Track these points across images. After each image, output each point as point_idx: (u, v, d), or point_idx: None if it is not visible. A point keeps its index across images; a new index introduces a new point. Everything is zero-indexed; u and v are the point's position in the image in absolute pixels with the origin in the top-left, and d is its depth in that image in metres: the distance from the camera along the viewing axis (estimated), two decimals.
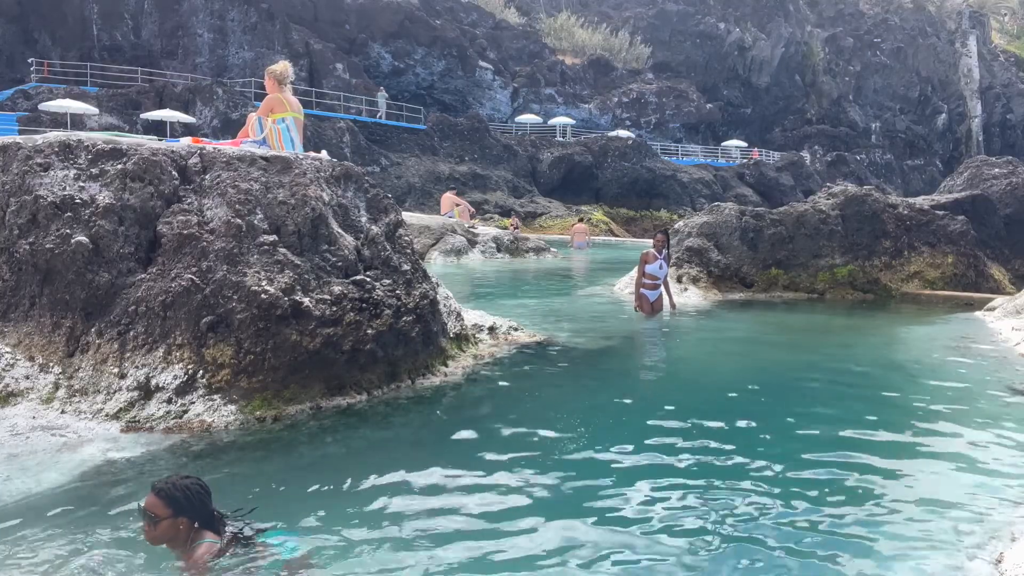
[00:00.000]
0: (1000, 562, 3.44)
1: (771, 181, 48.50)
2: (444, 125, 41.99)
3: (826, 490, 4.28)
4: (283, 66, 7.58)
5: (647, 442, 5.09)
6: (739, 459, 4.75)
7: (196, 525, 3.25)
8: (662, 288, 10.87)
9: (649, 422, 5.56)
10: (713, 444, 5.05)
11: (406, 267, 6.96)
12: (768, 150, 55.12)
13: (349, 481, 4.36)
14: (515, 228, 26.79)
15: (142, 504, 3.25)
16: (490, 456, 4.77)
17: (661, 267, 10.76)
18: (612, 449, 4.95)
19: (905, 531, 3.78)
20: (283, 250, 5.99)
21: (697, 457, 4.80)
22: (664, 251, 10.85)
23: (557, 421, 5.69)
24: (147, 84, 35.00)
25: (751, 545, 3.62)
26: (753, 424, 5.58)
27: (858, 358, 8.03)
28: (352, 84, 41.88)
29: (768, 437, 5.24)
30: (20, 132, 24.61)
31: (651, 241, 11.29)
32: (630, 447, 4.99)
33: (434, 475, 4.44)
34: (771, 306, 12.31)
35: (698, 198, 43.38)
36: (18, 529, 3.67)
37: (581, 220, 31.82)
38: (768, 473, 4.52)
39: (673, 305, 10.98)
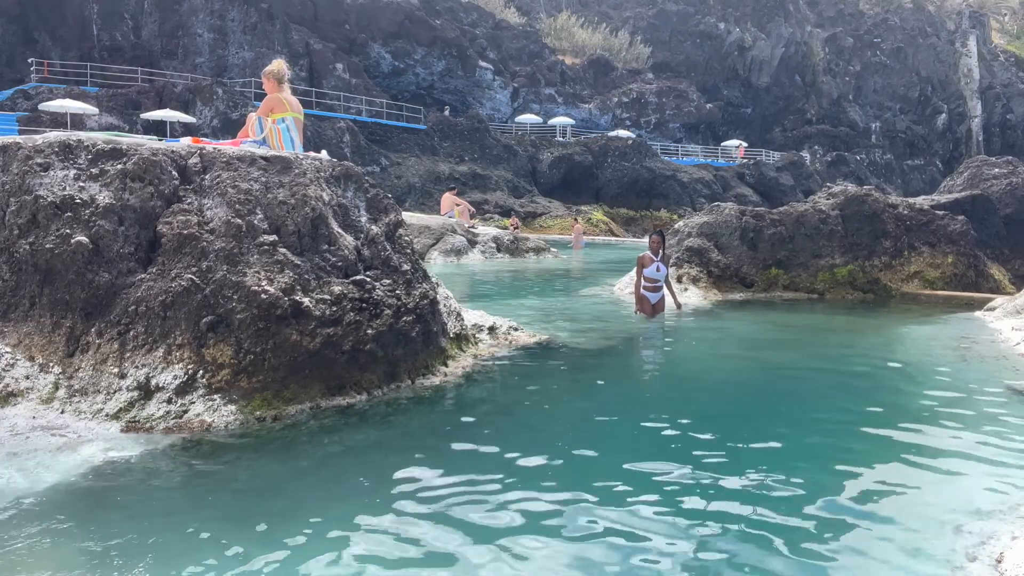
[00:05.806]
0: (1000, 562, 3.44)
1: (771, 181, 48.57)
2: (444, 125, 42.03)
3: (825, 490, 4.28)
4: (278, 65, 7.54)
5: (647, 442, 5.10)
6: (738, 459, 4.75)
7: None
8: (664, 289, 10.82)
9: (649, 422, 5.56)
10: (713, 445, 5.06)
11: (406, 267, 6.96)
12: (768, 150, 55.15)
13: (349, 481, 4.36)
14: (515, 228, 26.83)
15: None
16: (490, 456, 4.77)
17: (659, 269, 10.66)
18: (612, 449, 4.95)
19: (905, 531, 3.78)
20: (283, 250, 5.99)
21: (696, 457, 4.80)
22: (661, 252, 10.76)
23: (557, 421, 5.70)
24: (147, 84, 35.05)
25: (750, 545, 3.62)
26: (752, 424, 5.59)
27: (858, 358, 8.03)
28: (352, 84, 41.89)
29: (767, 437, 5.24)
30: (20, 132, 24.62)
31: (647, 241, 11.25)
32: (630, 447, 4.99)
33: (434, 475, 4.45)
34: (771, 306, 12.31)
35: (698, 198, 43.44)
36: (17, 529, 3.67)
37: (585, 222, 32.09)
38: (767, 473, 4.52)
39: (678, 305, 10.93)
